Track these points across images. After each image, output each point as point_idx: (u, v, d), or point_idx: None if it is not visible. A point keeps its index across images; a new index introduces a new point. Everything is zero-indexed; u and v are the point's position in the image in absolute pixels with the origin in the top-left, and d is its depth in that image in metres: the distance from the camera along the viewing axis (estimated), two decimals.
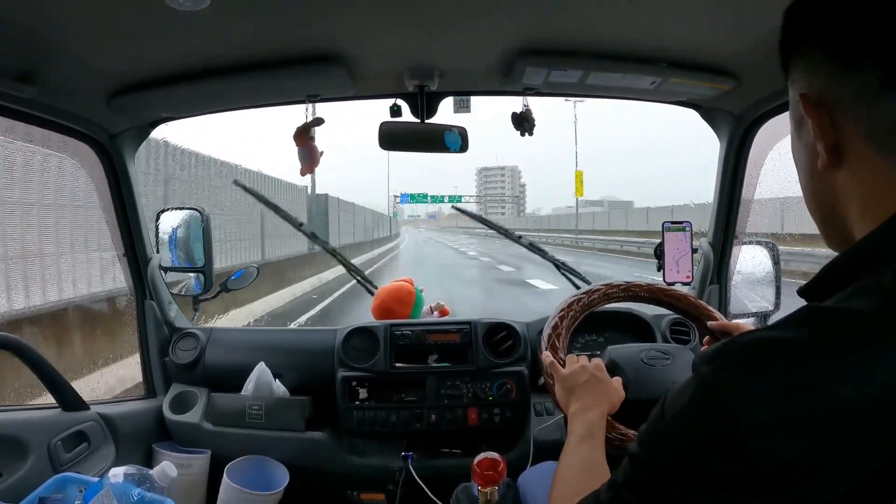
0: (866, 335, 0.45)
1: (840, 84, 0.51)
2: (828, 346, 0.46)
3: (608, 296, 1.33)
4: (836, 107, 0.51)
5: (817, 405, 0.44)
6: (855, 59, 0.50)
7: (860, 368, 0.44)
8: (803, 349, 0.46)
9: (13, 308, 4.54)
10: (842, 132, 0.52)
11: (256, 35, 1.24)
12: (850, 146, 0.52)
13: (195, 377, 1.82)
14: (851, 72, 0.50)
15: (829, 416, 0.44)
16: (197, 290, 1.91)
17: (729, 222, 1.79)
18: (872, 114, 0.49)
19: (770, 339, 0.49)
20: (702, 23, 1.21)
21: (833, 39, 0.52)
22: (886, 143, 0.49)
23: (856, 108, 0.50)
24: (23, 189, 4.67)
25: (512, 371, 1.71)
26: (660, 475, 0.52)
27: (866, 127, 0.50)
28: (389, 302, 2.00)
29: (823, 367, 0.45)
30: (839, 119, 0.52)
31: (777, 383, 0.45)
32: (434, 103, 1.66)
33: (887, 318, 0.45)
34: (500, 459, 1.21)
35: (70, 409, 1.50)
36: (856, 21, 0.49)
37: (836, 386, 0.44)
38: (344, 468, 1.71)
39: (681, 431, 0.51)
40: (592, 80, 1.48)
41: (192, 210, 1.88)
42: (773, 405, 0.45)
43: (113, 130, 1.62)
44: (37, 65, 1.19)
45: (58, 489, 1.28)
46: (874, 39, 0.48)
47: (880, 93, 0.48)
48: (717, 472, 0.47)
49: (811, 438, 0.44)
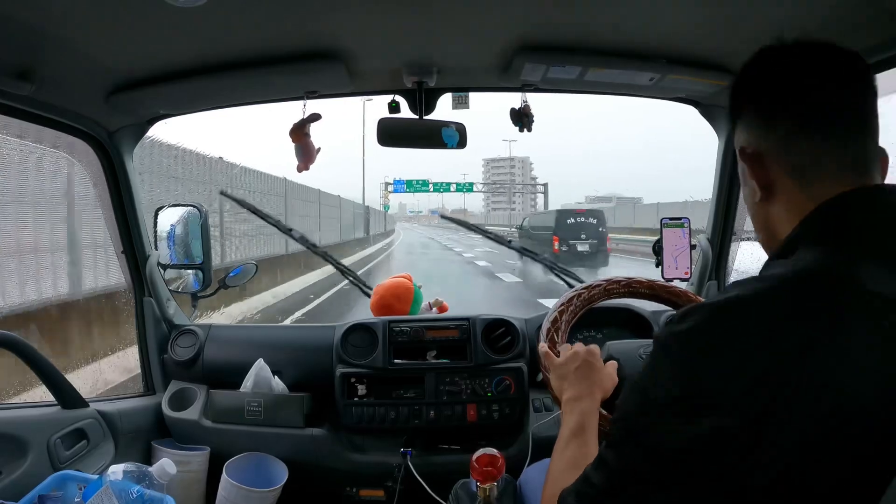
0: (769, 289, 0.61)
1: (766, 137, 0.68)
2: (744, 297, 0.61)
3: (608, 291, 1.33)
4: (765, 155, 0.69)
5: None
6: (773, 115, 0.68)
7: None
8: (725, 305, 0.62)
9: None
10: (771, 174, 0.69)
11: (254, 31, 1.24)
12: (778, 183, 0.68)
13: (194, 374, 1.82)
14: (772, 125, 0.68)
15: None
16: (195, 286, 1.91)
17: (727, 219, 1.80)
18: (789, 157, 0.67)
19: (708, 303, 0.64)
20: (700, 19, 1.21)
21: (759, 101, 0.70)
22: (801, 176, 0.66)
23: (777, 154, 0.68)
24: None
25: (511, 367, 1.72)
26: (630, 422, 0.64)
27: (786, 167, 0.67)
28: (388, 298, 2.00)
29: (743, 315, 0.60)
30: (767, 164, 0.69)
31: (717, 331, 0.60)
32: (433, 100, 1.66)
33: (789, 279, 0.61)
34: (498, 456, 1.21)
35: (69, 407, 1.50)
36: (774, 87, 0.68)
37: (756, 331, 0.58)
38: (343, 465, 1.71)
39: (646, 382, 0.63)
40: (591, 77, 1.48)
41: (190, 207, 1.88)
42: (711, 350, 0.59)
43: (111, 127, 1.62)
44: (35, 62, 1.19)
45: (57, 487, 1.28)
46: (786, 100, 0.67)
47: (791, 140, 0.66)
48: (679, 402, 0.59)
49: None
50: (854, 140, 0.65)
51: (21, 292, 4.52)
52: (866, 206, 0.63)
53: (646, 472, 0.61)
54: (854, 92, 0.66)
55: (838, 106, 0.65)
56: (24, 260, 4.60)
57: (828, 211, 0.64)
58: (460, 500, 1.29)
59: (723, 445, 0.57)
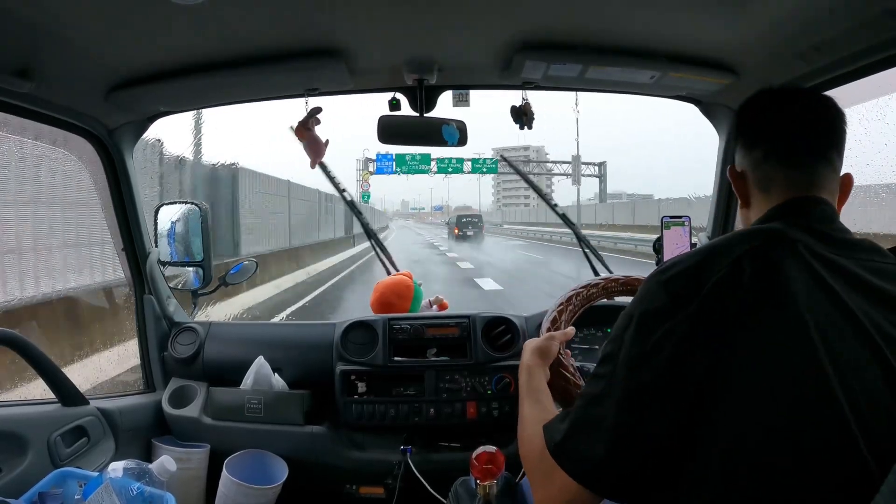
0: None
1: (748, 159, 0.87)
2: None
3: (607, 290, 1.35)
4: (746, 173, 0.88)
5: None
6: (751, 143, 0.87)
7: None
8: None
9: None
10: (749, 188, 0.88)
11: (255, 28, 1.24)
12: (753, 194, 0.87)
13: (194, 371, 1.82)
14: (750, 151, 0.87)
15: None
16: (196, 284, 1.91)
17: (728, 216, 1.79)
18: (758, 174, 0.86)
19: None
20: (701, 17, 1.21)
21: (743, 131, 0.90)
22: (764, 188, 0.85)
23: (753, 172, 0.87)
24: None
25: (511, 365, 1.71)
26: (617, 356, 0.74)
27: (756, 181, 0.86)
28: (388, 296, 2.00)
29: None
30: (747, 179, 0.88)
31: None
32: (433, 97, 1.66)
33: (746, 230, 0.80)
34: (498, 453, 1.22)
35: (69, 404, 1.50)
36: (753, 121, 0.88)
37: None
38: (343, 462, 1.72)
39: (628, 319, 0.77)
40: (592, 75, 1.48)
41: (190, 204, 1.88)
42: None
43: (111, 125, 1.61)
44: (35, 60, 1.19)
45: (57, 484, 1.28)
46: (761, 132, 0.86)
47: (762, 162, 0.85)
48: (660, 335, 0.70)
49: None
50: (804, 165, 0.83)
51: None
52: (798, 207, 0.81)
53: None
54: (816, 132, 0.84)
55: (798, 141, 0.84)
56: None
57: (775, 210, 0.82)
58: (460, 498, 1.29)
59: (679, 382, 0.69)
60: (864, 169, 1.67)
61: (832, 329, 0.67)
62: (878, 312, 0.70)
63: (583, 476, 0.74)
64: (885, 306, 0.71)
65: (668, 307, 0.71)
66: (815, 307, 0.67)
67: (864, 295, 0.70)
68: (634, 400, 0.71)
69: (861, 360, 0.67)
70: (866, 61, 1.22)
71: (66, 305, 4.79)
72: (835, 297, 0.69)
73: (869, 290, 0.71)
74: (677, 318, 0.70)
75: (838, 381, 0.64)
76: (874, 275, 0.73)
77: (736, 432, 0.65)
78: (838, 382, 0.64)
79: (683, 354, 0.68)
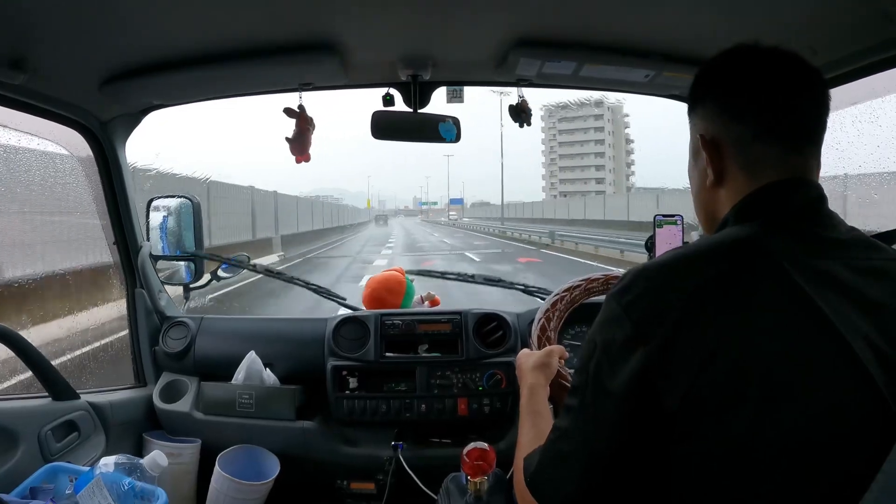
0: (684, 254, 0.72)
1: (727, 131, 0.76)
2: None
3: (588, 290, 1.40)
4: (723, 145, 0.76)
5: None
6: (738, 115, 0.75)
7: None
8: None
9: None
10: (725, 162, 0.77)
11: (249, 22, 1.23)
12: (729, 171, 0.77)
13: (185, 366, 1.82)
14: (735, 123, 0.75)
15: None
16: (188, 278, 1.90)
17: None
18: (745, 153, 0.75)
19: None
20: (697, 17, 1.21)
21: (726, 100, 0.77)
22: (751, 171, 0.75)
23: (734, 148, 0.76)
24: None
25: (502, 362, 1.72)
26: (584, 390, 0.71)
27: (741, 161, 0.75)
28: (380, 291, 2.00)
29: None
30: (724, 154, 0.76)
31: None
32: (427, 93, 1.66)
33: (715, 244, 0.72)
34: (489, 450, 1.22)
35: (60, 399, 1.49)
36: (743, 92, 0.75)
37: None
38: (334, 457, 1.72)
39: (594, 333, 0.73)
40: (586, 73, 1.48)
41: (182, 198, 1.87)
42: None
43: (104, 117, 1.60)
44: (27, 51, 1.18)
45: (48, 479, 1.28)
46: (752, 105, 0.74)
47: (751, 140, 0.74)
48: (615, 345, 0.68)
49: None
50: (797, 146, 0.75)
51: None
52: (785, 193, 0.73)
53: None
54: (808, 105, 0.75)
55: (790, 116, 0.74)
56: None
57: (754, 196, 0.74)
58: (451, 494, 1.30)
59: (647, 383, 0.65)
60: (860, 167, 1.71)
61: (815, 358, 0.63)
62: (873, 329, 0.63)
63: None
64: (879, 316, 0.65)
65: (632, 337, 0.67)
66: (791, 338, 0.63)
67: (858, 307, 0.65)
68: (602, 435, 0.69)
69: (847, 389, 0.62)
70: (863, 62, 1.23)
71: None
72: (820, 318, 0.63)
73: (863, 302, 0.65)
74: (641, 350, 0.65)
75: (816, 426, 0.61)
76: (869, 277, 0.67)
77: (710, 462, 0.63)
78: (816, 427, 0.61)
79: (650, 387, 0.64)
